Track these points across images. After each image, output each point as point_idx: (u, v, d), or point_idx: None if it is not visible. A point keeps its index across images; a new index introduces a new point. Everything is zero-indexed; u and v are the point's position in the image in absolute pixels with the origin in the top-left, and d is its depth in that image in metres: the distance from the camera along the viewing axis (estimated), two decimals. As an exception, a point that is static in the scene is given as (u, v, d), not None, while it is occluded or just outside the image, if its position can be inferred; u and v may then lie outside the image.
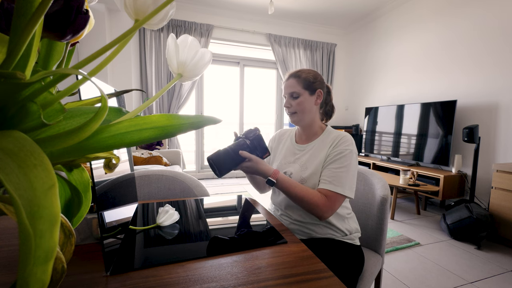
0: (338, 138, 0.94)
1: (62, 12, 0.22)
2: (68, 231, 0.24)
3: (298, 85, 0.96)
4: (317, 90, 0.98)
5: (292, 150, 1.05)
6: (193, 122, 0.26)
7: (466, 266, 1.67)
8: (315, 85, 0.97)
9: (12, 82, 0.18)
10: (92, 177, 0.40)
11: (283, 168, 1.01)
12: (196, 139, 4.06)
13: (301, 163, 0.97)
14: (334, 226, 0.90)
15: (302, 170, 0.95)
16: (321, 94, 0.99)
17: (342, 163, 0.88)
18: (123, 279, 0.44)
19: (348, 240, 0.91)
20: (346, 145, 0.91)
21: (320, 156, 0.94)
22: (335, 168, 0.88)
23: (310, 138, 1.02)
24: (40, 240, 0.13)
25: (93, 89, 0.39)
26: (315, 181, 0.91)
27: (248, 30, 3.92)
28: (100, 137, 0.23)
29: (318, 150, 0.96)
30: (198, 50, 0.39)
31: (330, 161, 0.90)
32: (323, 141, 0.98)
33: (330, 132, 0.99)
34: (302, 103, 0.96)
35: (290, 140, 1.09)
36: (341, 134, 0.96)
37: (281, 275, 0.47)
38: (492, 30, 2.44)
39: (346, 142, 0.92)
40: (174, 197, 1.03)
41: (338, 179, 0.86)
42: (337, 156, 0.89)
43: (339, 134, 0.96)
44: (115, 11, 2.82)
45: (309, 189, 0.85)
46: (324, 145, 0.95)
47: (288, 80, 1.00)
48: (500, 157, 2.37)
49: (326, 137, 0.98)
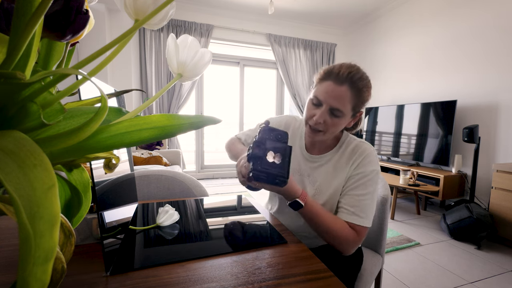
0: (361, 156, 0.76)
1: (62, 12, 0.22)
2: (68, 231, 0.24)
3: (349, 102, 0.70)
4: (360, 112, 0.77)
5: (302, 160, 0.84)
6: (193, 122, 0.26)
7: (466, 266, 1.67)
8: (364, 105, 0.74)
9: (12, 82, 0.18)
10: (92, 177, 0.40)
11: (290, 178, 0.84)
12: (196, 139, 4.06)
13: (314, 183, 0.80)
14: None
15: (316, 194, 0.78)
16: (360, 116, 0.79)
17: (366, 188, 0.72)
18: (123, 279, 0.44)
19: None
20: (372, 164, 0.74)
21: (338, 178, 0.77)
22: (358, 195, 0.72)
23: (323, 149, 0.83)
24: (40, 240, 0.13)
25: (93, 89, 0.39)
26: (330, 209, 0.77)
27: (248, 30, 3.92)
28: (100, 137, 0.23)
29: (336, 167, 0.78)
30: (198, 50, 0.39)
31: (353, 186, 0.74)
32: (340, 155, 0.79)
33: (349, 142, 0.80)
34: (339, 124, 0.73)
35: (299, 144, 0.87)
36: (362, 148, 0.77)
37: (281, 275, 0.47)
38: (492, 30, 2.44)
39: (371, 162, 0.75)
40: (174, 197, 1.03)
41: (362, 209, 0.71)
42: (361, 180, 0.73)
43: (360, 147, 0.77)
44: (115, 11, 2.82)
45: (338, 219, 0.71)
46: (342, 161, 0.78)
47: (340, 85, 0.69)
48: (500, 157, 2.37)
49: (344, 150, 0.79)
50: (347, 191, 0.75)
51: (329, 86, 0.70)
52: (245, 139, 0.98)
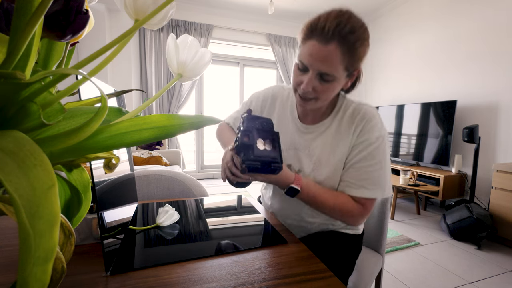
0: (362, 120, 0.66)
1: (62, 12, 0.22)
2: (68, 231, 0.24)
3: (340, 63, 0.57)
4: (357, 69, 0.64)
5: (295, 132, 0.75)
6: (193, 122, 0.26)
7: (466, 266, 1.67)
8: (360, 61, 0.63)
9: (12, 82, 0.18)
10: (92, 177, 0.40)
11: (284, 160, 0.73)
12: (196, 139, 4.06)
13: (311, 156, 0.71)
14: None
15: (315, 169, 0.70)
16: (358, 74, 0.66)
17: (374, 157, 0.65)
18: (123, 279, 0.44)
19: (349, 230, 0.79)
20: (377, 129, 0.65)
21: (339, 148, 0.68)
22: (366, 166, 0.65)
23: (318, 117, 0.72)
24: (40, 240, 0.13)
25: (93, 89, 0.39)
26: (333, 184, 0.70)
27: (248, 30, 3.92)
28: (100, 137, 0.23)
29: (335, 136, 0.69)
30: (198, 50, 0.39)
31: (358, 158, 0.66)
32: (339, 122, 0.69)
33: (346, 106, 0.70)
34: (332, 89, 0.62)
35: (291, 114, 0.76)
36: (362, 111, 0.67)
37: (281, 275, 0.47)
38: (492, 30, 2.44)
39: (375, 126, 0.65)
40: (174, 197, 1.03)
41: (373, 181, 0.65)
42: (367, 149, 0.65)
43: (359, 110, 0.67)
44: (115, 11, 2.82)
45: (339, 196, 0.66)
46: (342, 129, 0.68)
47: (326, 44, 0.56)
48: (500, 157, 2.37)
49: (342, 115, 0.69)
50: (352, 163, 0.66)
51: (314, 46, 0.58)
52: (233, 123, 0.93)
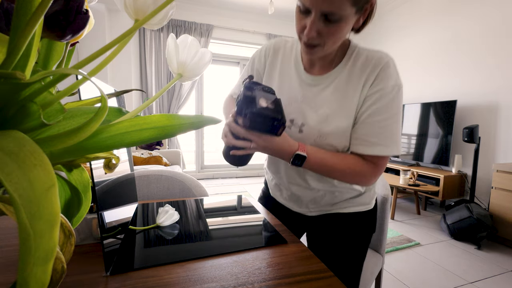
0: (376, 68, 0.59)
1: (62, 12, 0.22)
2: (67, 231, 0.24)
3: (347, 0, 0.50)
4: (370, 1, 0.56)
5: (299, 85, 0.68)
6: (193, 122, 0.26)
7: (466, 266, 1.67)
8: None
9: (12, 82, 0.18)
10: (92, 177, 0.40)
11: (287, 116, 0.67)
12: (196, 139, 4.06)
13: (317, 109, 0.65)
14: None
15: (321, 122, 0.64)
16: (371, 8, 0.58)
17: (389, 110, 0.59)
18: (123, 279, 0.44)
19: (359, 207, 0.74)
20: (392, 78, 0.59)
21: (349, 100, 0.61)
22: (381, 121, 0.59)
23: (325, 66, 0.65)
24: (40, 240, 0.13)
25: (93, 89, 0.39)
26: (340, 139, 0.64)
27: (248, 30, 3.91)
28: (100, 137, 0.23)
29: (345, 88, 0.62)
30: (198, 50, 0.39)
31: (372, 111, 0.60)
32: (349, 70, 0.62)
33: (358, 54, 0.63)
34: (340, 31, 0.55)
35: (295, 66, 0.69)
36: (376, 57, 0.60)
37: (281, 275, 0.47)
38: (492, 30, 2.44)
39: (391, 75, 0.59)
40: (174, 197, 1.03)
41: (387, 137, 0.60)
42: (382, 100, 0.59)
43: (373, 57, 0.61)
44: (115, 11, 2.82)
45: (347, 157, 0.62)
46: (353, 79, 0.62)
47: None
48: (500, 157, 2.37)
49: (354, 63, 0.62)
50: (365, 117, 0.60)
51: None
52: (236, 93, 0.88)
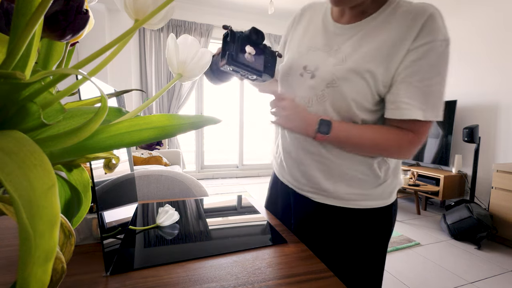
0: (421, 17, 0.50)
1: (62, 12, 0.22)
2: (67, 231, 0.24)
3: None
4: None
5: (323, 32, 0.62)
6: (193, 122, 0.26)
7: (466, 266, 1.67)
8: None
9: (12, 82, 0.18)
10: (92, 177, 0.40)
11: (300, 59, 0.61)
12: (196, 139, 4.06)
13: (336, 54, 0.57)
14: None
15: (336, 64, 0.56)
16: None
17: (436, 68, 0.51)
18: (123, 279, 0.44)
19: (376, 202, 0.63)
20: (441, 31, 0.51)
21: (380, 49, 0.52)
22: (424, 79, 0.51)
23: (357, 15, 0.58)
24: (40, 240, 0.13)
25: (93, 89, 0.39)
26: (357, 91, 0.54)
27: (248, 30, 3.91)
28: (100, 137, 0.23)
29: (376, 37, 0.54)
30: (198, 50, 0.39)
31: (416, 69, 0.51)
32: (385, 20, 0.54)
33: (399, 5, 0.54)
34: None
35: (323, 16, 0.64)
36: (421, 8, 0.51)
37: (281, 275, 0.47)
38: (492, 30, 2.44)
39: (439, 27, 0.51)
40: (174, 197, 1.03)
41: (433, 99, 0.51)
42: (429, 56, 0.50)
43: (416, 6, 0.52)
44: (115, 11, 2.82)
45: (378, 126, 0.56)
46: (392, 29, 0.52)
47: None
48: (500, 157, 2.37)
49: (392, 13, 0.54)
50: (406, 76, 0.51)
51: None
52: None
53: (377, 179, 0.62)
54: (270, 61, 0.56)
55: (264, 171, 4.35)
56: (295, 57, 0.64)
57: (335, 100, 0.57)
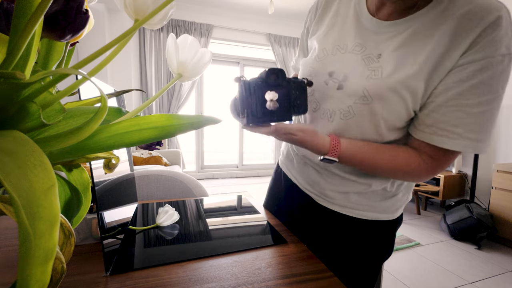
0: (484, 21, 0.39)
1: (62, 12, 0.22)
2: (67, 231, 0.24)
3: None
4: None
5: (355, 27, 0.51)
6: (193, 122, 0.26)
7: (466, 266, 1.67)
8: None
9: (11, 82, 0.18)
10: (92, 177, 0.40)
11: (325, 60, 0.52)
12: (196, 139, 4.06)
13: (370, 60, 0.47)
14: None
15: (370, 78, 0.46)
16: None
17: (490, 90, 0.40)
18: (123, 279, 0.44)
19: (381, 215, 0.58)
20: (504, 44, 0.39)
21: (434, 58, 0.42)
22: (474, 105, 0.41)
23: (401, 10, 0.47)
24: (40, 241, 0.13)
25: (93, 89, 0.39)
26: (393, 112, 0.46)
27: (248, 30, 3.91)
28: (99, 137, 0.23)
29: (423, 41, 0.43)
30: (198, 50, 0.39)
31: (464, 89, 0.41)
32: (438, 17, 0.43)
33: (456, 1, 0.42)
34: None
35: (355, 5, 0.53)
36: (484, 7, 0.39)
37: (281, 275, 0.47)
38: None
39: (503, 37, 0.39)
40: (174, 197, 1.03)
41: (480, 128, 0.42)
42: (484, 73, 0.40)
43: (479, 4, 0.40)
44: (115, 11, 2.82)
45: (395, 150, 0.47)
46: (442, 33, 0.42)
47: None
48: (500, 157, 2.37)
49: (447, 8, 0.42)
50: (451, 97, 0.42)
51: None
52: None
53: (386, 192, 0.58)
54: (299, 97, 0.49)
55: (264, 171, 4.35)
56: (320, 57, 0.54)
57: (362, 119, 0.49)
